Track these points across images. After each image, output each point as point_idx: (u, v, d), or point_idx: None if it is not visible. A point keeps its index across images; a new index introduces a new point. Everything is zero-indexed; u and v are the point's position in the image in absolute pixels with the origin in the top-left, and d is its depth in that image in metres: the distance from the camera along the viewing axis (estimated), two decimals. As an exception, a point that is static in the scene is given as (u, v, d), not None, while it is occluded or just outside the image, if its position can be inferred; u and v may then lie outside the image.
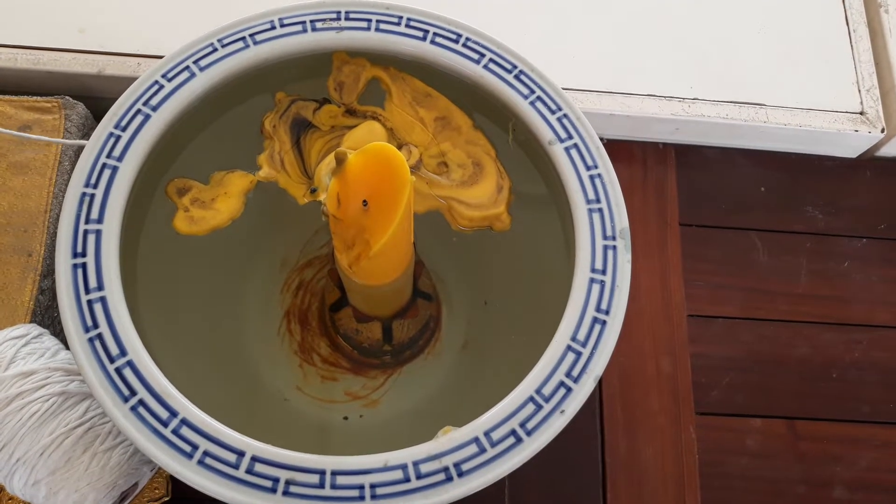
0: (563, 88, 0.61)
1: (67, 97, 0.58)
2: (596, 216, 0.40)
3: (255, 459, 0.34)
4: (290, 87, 0.44)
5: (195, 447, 0.34)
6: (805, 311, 0.62)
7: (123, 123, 0.39)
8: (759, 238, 0.64)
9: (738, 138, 0.65)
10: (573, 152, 0.41)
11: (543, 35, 0.64)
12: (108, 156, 0.39)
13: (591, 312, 0.38)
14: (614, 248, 0.39)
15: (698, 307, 0.61)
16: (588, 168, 0.41)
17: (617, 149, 0.66)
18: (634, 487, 0.55)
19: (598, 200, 0.40)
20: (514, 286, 0.51)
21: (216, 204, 0.40)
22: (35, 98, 0.58)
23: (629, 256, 0.39)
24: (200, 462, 0.34)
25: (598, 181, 0.41)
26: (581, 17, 0.65)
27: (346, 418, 0.50)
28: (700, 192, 0.65)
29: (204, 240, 0.41)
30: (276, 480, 0.34)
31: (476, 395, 0.50)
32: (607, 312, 0.38)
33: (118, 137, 0.39)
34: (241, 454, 0.34)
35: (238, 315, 0.51)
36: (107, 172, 0.38)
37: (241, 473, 0.34)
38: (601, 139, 0.65)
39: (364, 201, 0.34)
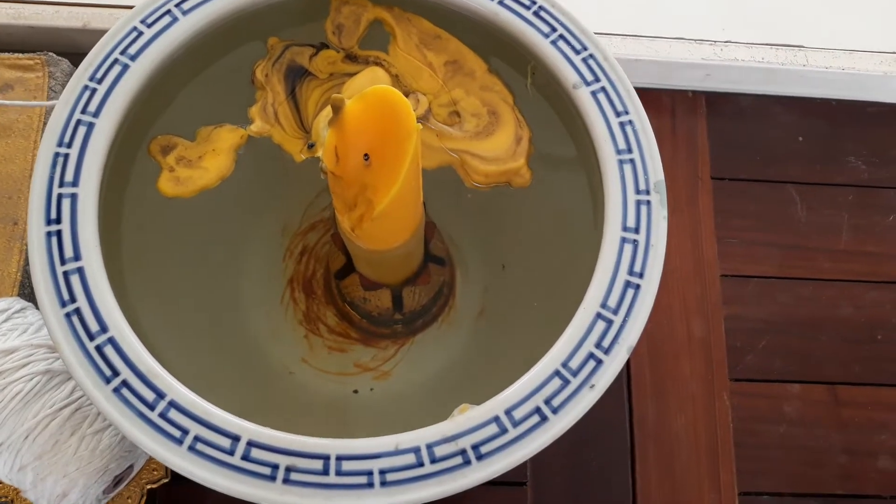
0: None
1: (51, 53, 0.54)
2: (627, 168, 0.36)
3: (251, 444, 0.31)
4: (284, 33, 0.39)
5: (185, 432, 0.31)
6: (848, 268, 0.58)
7: (99, 75, 0.35)
8: (798, 191, 0.59)
9: (774, 84, 0.60)
10: (601, 97, 0.37)
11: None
12: (83, 111, 0.35)
13: (622, 276, 0.34)
14: (648, 203, 0.35)
15: (732, 266, 0.57)
16: (618, 114, 0.37)
17: (643, 98, 0.60)
18: (665, 460, 0.52)
19: (629, 150, 0.36)
20: (536, 248, 0.47)
21: (203, 162, 0.36)
22: (17, 55, 0.54)
23: (665, 213, 0.35)
24: (192, 448, 0.31)
25: (628, 129, 0.36)
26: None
27: (356, 392, 0.47)
28: (733, 143, 0.60)
29: (197, 204, 0.38)
30: (275, 467, 0.31)
31: (495, 368, 0.47)
32: (641, 275, 0.34)
33: (94, 91, 0.35)
34: (236, 439, 0.31)
35: (237, 284, 0.47)
36: (82, 130, 0.35)
37: (236, 460, 0.31)
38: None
39: (365, 155, 0.30)
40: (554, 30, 0.38)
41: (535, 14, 0.38)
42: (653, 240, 0.35)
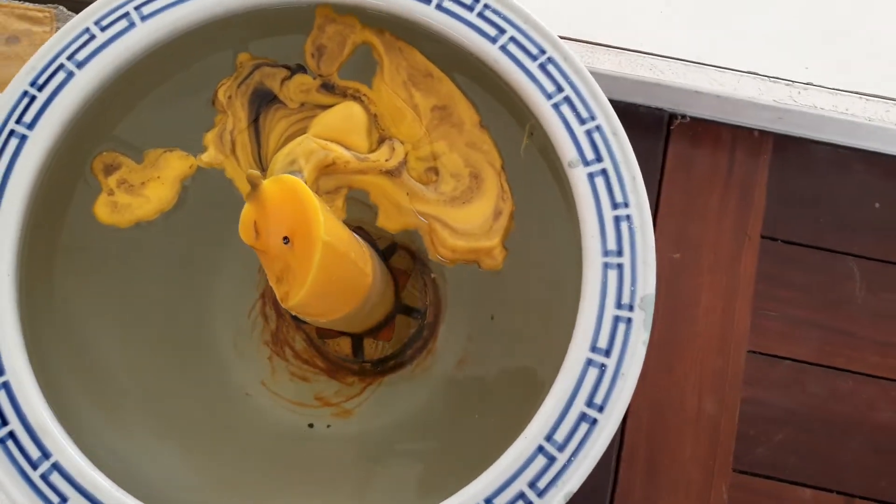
0: (643, 52, 0.50)
1: (62, 7, 0.51)
2: (612, 274, 0.30)
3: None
4: (257, 45, 0.35)
5: (64, 500, 0.29)
6: (900, 366, 0.50)
7: (41, 81, 0.32)
8: (860, 267, 0.52)
9: (857, 138, 0.52)
10: (599, 181, 0.31)
11: (628, -20, 0.51)
12: (18, 121, 0.32)
13: (579, 406, 0.29)
14: (628, 321, 0.30)
15: (764, 343, 0.50)
16: (615, 206, 0.31)
17: (701, 130, 0.54)
18: (642, 546, 0.48)
19: (619, 253, 0.30)
20: (526, 305, 0.42)
21: (146, 189, 0.33)
22: (27, 5, 0.51)
23: (646, 336, 0.30)
24: (67, 521, 0.28)
25: (624, 225, 0.30)
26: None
27: (311, 426, 0.43)
28: (795, 197, 0.53)
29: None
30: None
31: (462, 431, 0.43)
32: (601, 408, 0.29)
33: (33, 98, 0.32)
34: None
35: (206, 287, 0.44)
36: (13, 142, 0.31)
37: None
38: (683, 116, 0.53)
39: (285, 238, 0.26)
40: (560, 90, 0.32)
41: (541, 67, 0.32)
42: (624, 367, 0.29)
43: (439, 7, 0.32)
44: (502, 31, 0.32)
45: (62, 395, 0.34)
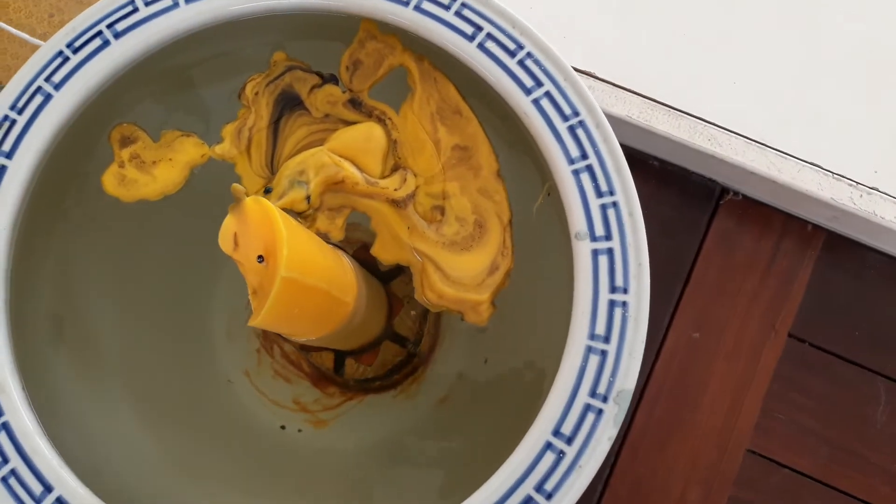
0: (705, 121, 0.48)
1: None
2: (593, 360, 0.29)
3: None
4: (296, 45, 0.34)
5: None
6: (908, 504, 0.47)
7: (77, 44, 0.32)
8: (888, 390, 0.48)
9: (916, 255, 0.48)
10: (602, 259, 0.29)
11: (704, 51, 0.49)
12: (47, 79, 0.32)
13: (528, 486, 0.28)
14: (599, 412, 0.28)
15: (766, 445, 0.48)
16: (613, 289, 0.29)
17: (751, 211, 0.51)
18: None
19: (605, 339, 0.29)
20: (519, 361, 0.40)
21: (155, 169, 0.33)
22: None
23: (614, 433, 0.28)
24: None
25: (618, 312, 0.29)
26: (760, 40, 0.49)
27: (283, 427, 0.43)
28: (836, 302, 0.50)
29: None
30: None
31: (434, 462, 0.42)
32: (550, 496, 0.28)
33: (66, 59, 0.32)
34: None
35: (209, 271, 0.44)
36: (38, 99, 0.32)
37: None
38: (736, 192, 0.51)
39: (260, 256, 0.25)
40: (584, 157, 0.30)
41: (571, 130, 0.30)
42: (583, 460, 0.28)
43: (481, 47, 0.31)
44: (540, 83, 0.31)
45: (44, 364, 0.34)
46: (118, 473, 0.35)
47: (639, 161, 0.51)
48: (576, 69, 0.48)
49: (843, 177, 0.47)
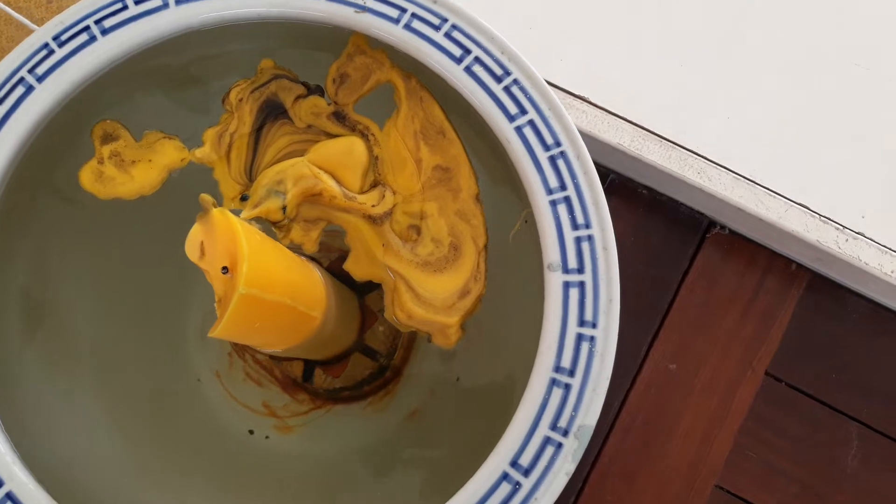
0: (696, 153, 0.47)
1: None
2: (556, 393, 0.28)
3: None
4: (284, 53, 0.34)
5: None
6: (872, 552, 0.47)
7: (63, 38, 0.32)
8: (861, 435, 0.48)
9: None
10: (573, 292, 0.29)
11: (701, 84, 0.49)
12: (31, 71, 0.32)
13: (481, 515, 0.28)
14: (559, 446, 0.28)
15: (735, 482, 0.48)
16: (582, 323, 0.29)
17: (737, 246, 0.51)
18: None
19: (570, 373, 0.29)
20: (490, 383, 0.40)
21: (134, 169, 0.33)
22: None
23: (572, 468, 0.28)
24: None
25: (584, 347, 0.29)
26: (758, 78, 0.49)
27: (251, 432, 0.43)
28: (815, 343, 0.49)
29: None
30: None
31: (398, 475, 0.42)
32: (504, 528, 0.27)
33: (51, 52, 0.32)
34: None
35: (187, 269, 0.44)
36: (19, 90, 0.31)
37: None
38: (723, 227, 0.51)
39: (224, 268, 0.25)
40: (563, 187, 0.30)
41: (552, 160, 0.30)
42: (539, 493, 0.28)
43: (468, 70, 0.31)
44: (524, 111, 0.31)
45: (11, 350, 0.34)
46: (77, 470, 0.34)
47: (628, 189, 0.51)
48: (570, 93, 0.48)
49: (830, 220, 0.46)
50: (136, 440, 0.39)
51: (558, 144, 0.30)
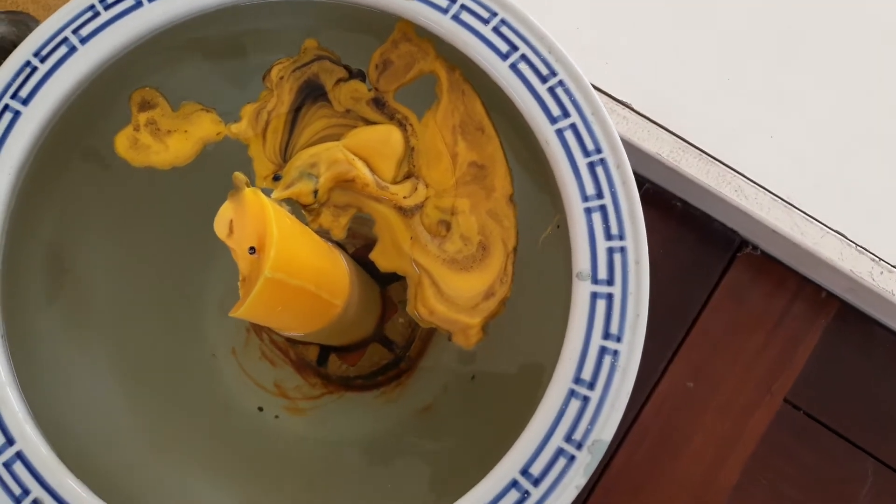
0: (735, 170, 0.46)
1: None
2: (575, 404, 0.28)
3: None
4: (329, 34, 0.34)
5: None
6: (877, 591, 0.46)
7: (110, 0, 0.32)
8: (877, 472, 0.47)
9: (928, 341, 0.47)
10: (600, 304, 0.29)
11: (746, 100, 0.48)
12: (75, 32, 0.31)
13: (486, 522, 0.27)
14: (571, 459, 0.28)
15: (743, 508, 0.47)
16: (607, 335, 0.28)
17: (767, 268, 0.50)
18: None
19: (591, 385, 0.28)
20: (506, 385, 0.40)
21: (169, 139, 0.32)
22: None
23: (582, 482, 0.27)
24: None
25: (607, 359, 0.28)
26: (806, 98, 0.48)
27: (260, 409, 0.43)
28: (838, 374, 0.48)
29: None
30: None
31: (403, 470, 0.41)
32: (508, 537, 0.27)
33: (97, 13, 0.32)
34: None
35: (210, 243, 0.44)
36: (62, 50, 0.31)
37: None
38: (755, 247, 0.50)
39: (252, 248, 0.25)
40: (599, 196, 0.29)
41: (590, 166, 0.30)
42: (548, 501, 0.27)
43: (514, 68, 0.30)
44: (567, 114, 0.30)
45: (32, 311, 0.34)
46: (85, 435, 0.35)
47: (662, 200, 0.50)
48: (613, 98, 0.47)
49: (866, 250, 0.45)
50: (144, 409, 0.39)
51: (599, 151, 0.30)
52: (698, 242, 0.50)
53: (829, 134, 0.47)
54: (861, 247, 0.45)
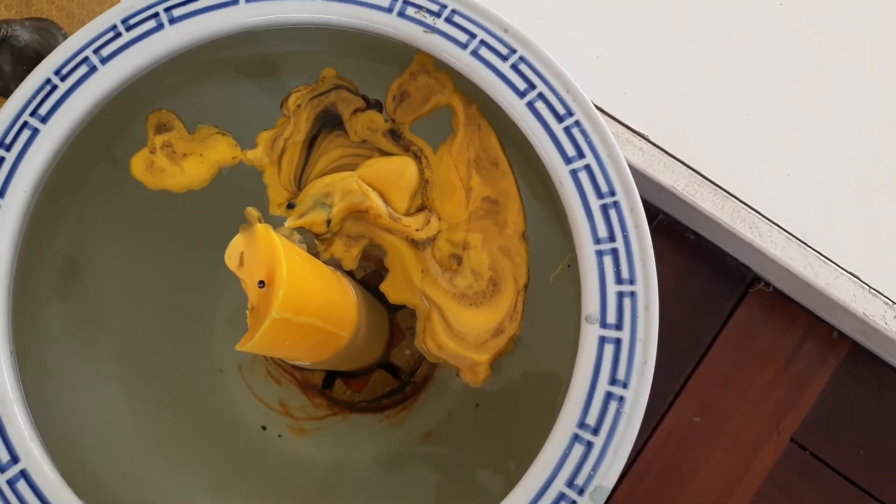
0: (749, 207, 0.46)
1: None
2: (578, 449, 0.28)
3: None
4: (346, 62, 0.34)
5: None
6: None
7: (132, 21, 0.32)
8: (882, 518, 0.47)
9: (939, 387, 0.47)
10: (607, 348, 0.28)
11: (764, 136, 0.48)
12: (96, 51, 0.32)
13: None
14: (572, 504, 0.27)
15: (745, 547, 0.46)
16: (614, 381, 0.28)
17: (779, 305, 0.50)
18: None
19: (595, 431, 0.28)
20: (510, 417, 0.40)
21: (185, 162, 0.33)
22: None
23: (583, 528, 0.27)
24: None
25: (613, 405, 0.28)
26: (825, 138, 0.47)
27: (264, 428, 0.43)
28: (847, 416, 0.48)
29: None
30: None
31: (407, 494, 0.41)
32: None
33: (118, 34, 0.32)
34: None
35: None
36: (83, 69, 0.32)
37: None
38: (767, 284, 0.49)
39: (261, 282, 0.25)
40: (612, 238, 0.29)
41: (603, 209, 0.29)
42: (548, 551, 0.27)
43: (531, 106, 0.30)
44: (582, 155, 0.30)
45: (39, 323, 0.34)
46: (89, 449, 0.35)
47: (675, 232, 0.50)
48: (629, 128, 0.47)
49: (880, 293, 0.45)
50: (149, 422, 0.40)
51: (612, 194, 0.29)
52: (710, 276, 0.50)
53: (845, 175, 0.47)
54: (874, 289, 0.45)
